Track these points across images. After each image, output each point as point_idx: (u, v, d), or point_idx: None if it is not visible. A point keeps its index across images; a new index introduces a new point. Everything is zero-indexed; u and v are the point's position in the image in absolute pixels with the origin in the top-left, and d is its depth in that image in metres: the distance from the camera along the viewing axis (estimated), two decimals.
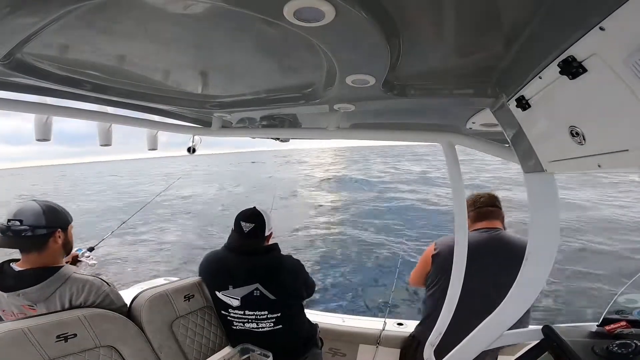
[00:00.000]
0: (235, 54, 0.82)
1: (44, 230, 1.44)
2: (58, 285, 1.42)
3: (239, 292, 1.76)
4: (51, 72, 0.94)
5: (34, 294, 1.39)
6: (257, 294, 1.74)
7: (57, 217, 1.52)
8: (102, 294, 1.51)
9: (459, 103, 1.07)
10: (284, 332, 1.79)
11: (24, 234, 1.41)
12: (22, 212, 1.43)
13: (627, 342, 1.06)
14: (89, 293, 1.47)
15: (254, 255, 1.79)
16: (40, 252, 1.44)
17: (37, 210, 1.45)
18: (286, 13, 0.52)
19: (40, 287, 1.39)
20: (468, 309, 1.50)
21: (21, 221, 1.41)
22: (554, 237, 1.02)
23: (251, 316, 1.78)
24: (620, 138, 0.56)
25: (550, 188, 0.97)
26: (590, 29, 0.48)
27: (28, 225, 1.41)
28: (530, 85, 0.71)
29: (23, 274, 1.41)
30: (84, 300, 1.46)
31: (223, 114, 1.46)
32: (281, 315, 1.78)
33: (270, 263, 1.80)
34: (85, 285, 1.47)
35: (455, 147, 1.45)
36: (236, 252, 1.81)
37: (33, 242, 1.43)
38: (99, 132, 1.78)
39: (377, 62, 0.73)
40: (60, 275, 1.44)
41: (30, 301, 1.40)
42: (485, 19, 0.58)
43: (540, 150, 0.85)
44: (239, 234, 1.81)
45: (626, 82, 0.46)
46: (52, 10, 0.57)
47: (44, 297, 1.41)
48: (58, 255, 1.51)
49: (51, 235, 1.47)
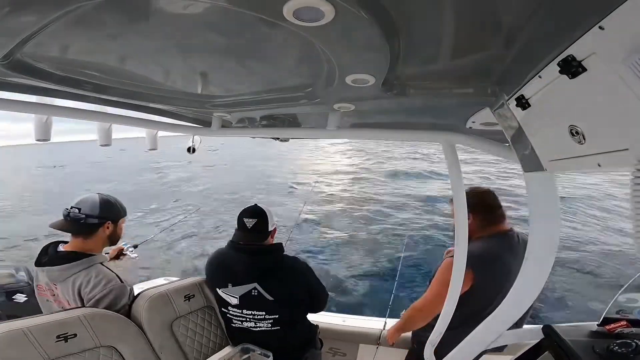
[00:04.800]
0: (235, 53, 0.82)
1: (95, 220, 1.63)
2: (77, 270, 1.54)
3: (237, 291, 1.76)
4: (51, 72, 0.94)
5: (54, 272, 1.54)
6: (255, 293, 1.73)
7: (111, 210, 1.69)
8: (108, 290, 1.54)
9: (458, 102, 1.07)
10: (281, 333, 1.78)
11: (80, 221, 1.60)
12: (82, 201, 1.64)
13: (627, 342, 1.06)
14: (95, 285, 1.52)
15: (255, 254, 1.78)
16: (85, 239, 1.62)
17: (95, 201, 1.65)
18: (286, 13, 0.52)
19: (61, 268, 1.53)
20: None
21: (79, 209, 1.61)
22: (554, 236, 1.02)
23: (249, 315, 1.78)
24: (620, 137, 0.56)
25: (550, 187, 0.97)
26: (590, 28, 0.48)
27: (84, 214, 1.61)
28: (530, 85, 0.71)
29: (59, 254, 1.58)
30: (90, 291, 1.52)
31: (223, 113, 1.47)
32: (279, 317, 1.76)
33: (271, 263, 1.78)
34: (98, 276, 1.54)
35: (455, 146, 1.45)
36: (239, 249, 1.81)
37: (84, 228, 1.62)
38: (98, 132, 1.78)
39: (377, 61, 0.73)
40: (85, 262, 1.56)
41: (51, 279, 1.56)
42: (485, 18, 0.58)
43: (540, 149, 0.85)
44: (243, 230, 1.80)
45: (626, 81, 0.46)
46: (52, 11, 0.57)
47: (62, 278, 1.54)
48: (100, 244, 1.68)
49: (101, 226, 1.65)
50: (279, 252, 1.83)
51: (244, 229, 1.80)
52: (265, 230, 1.81)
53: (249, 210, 1.85)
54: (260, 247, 1.80)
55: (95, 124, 1.77)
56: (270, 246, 1.84)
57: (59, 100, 1.28)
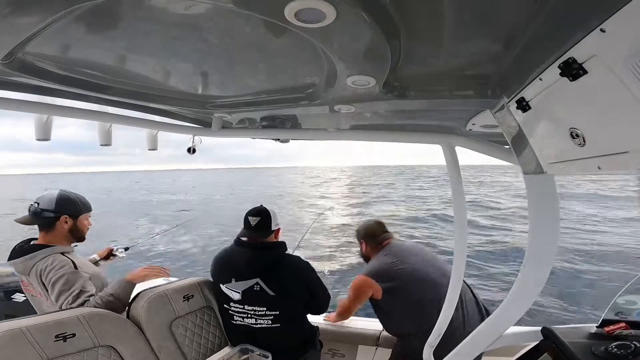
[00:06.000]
0: (236, 54, 0.82)
1: (51, 214, 1.72)
2: (37, 260, 1.63)
3: (240, 286, 1.81)
4: (52, 71, 0.94)
5: (19, 265, 1.64)
6: (257, 288, 1.78)
7: (67, 205, 1.77)
8: (60, 274, 1.58)
9: (459, 104, 1.07)
10: (281, 331, 1.79)
11: (38, 214, 1.71)
12: (42, 197, 1.75)
13: (626, 343, 1.06)
14: (50, 270, 1.59)
15: (258, 249, 1.85)
16: (47, 232, 1.72)
17: (52, 196, 1.74)
18: (287, 14, 0.52)
19: (23, 259, 1.63)
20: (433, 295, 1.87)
21: (38, 204, 1.73)
22: (553, 238, 1.02)
23: (250, 311, 1.80)
24: (620, 140, 0.56)
25: (550, 189, 0.98)
26: (591, 30, 0.48)
27: (41, 209, 1.72)
28: (530, 87, 0.71)
29: (23, 248, 1.68)
30: (46, 276, 1.59)
31: (223, 114, 1.46)
32: (279, 314, 1.78)
33: (272, 259, 1.84)
34: (54, 262, 1.60)
35: (455, 148, 1.45)
36: (242, 244, 1.89)
37: (42, 222, 1.72)
38: (99, 132, 1.78)
39: (378, 63, 0.74)
40: (44, 252, 1.65)
41: (20, 272, 1.67)
42: (485, 20, 0.58)
43: (540, 151, 0.85)
44: (247, 227, 1.90)
45: (626, 84, 0.46)
46: (52, 10, 0.57)
47: (26, 271, 1.63)
48: (62, 238, 1.75)
49: (57, 219, 1.73)
50: (281, 249, 1.90)
51: (249, 226, 1.90)
52: (268, 228, 1.90)
53: (254, 210, 1.95)
54: (262, 242, 1.89)
55: (95, 123, 1.77)
56: (273, 243, 1.93)
57: (60, 99, 1.28)
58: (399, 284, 1.92)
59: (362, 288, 2.01)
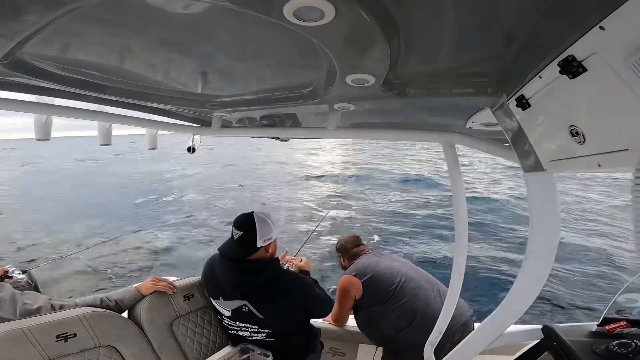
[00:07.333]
0: (235, 53, 0.82)
1: None
2: None
3: (229, 305, 1.73)
4: (51, 71, 0.93)
5: None
6: (246, 310, 1.69)
7: None
8: None
9: (459, 102, 1.07)
10: (277, 343, 1.75)
11: None
12: None
13: (626, 342, 1.07)
14: None
15: (245, 272, 1.66)
16: None
17: None
18: (286, 12, 0.52)
19: None
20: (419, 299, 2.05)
21: None
22: (553, 236, 1.02)
23: (243, 327, 1.76)
24: (620, 137, 0.56)
25: (550, 187, 0.97)
26: (591, 28, 0.48)
27: None
28: (530, 85, 0.71)
29: None
30: None
31: (223, 113, 1.46)
32: (273, 332, 1.73)
33: (261, 281, 1.65)
34: None
35: (455, 146, 1.45)
36: (226, 256, 1.73)
37: None
38: (98, 132, 1.78)
39: (377, 61, 0.73)
40: None
41: None
42: (485, 18, 0.58)
43: (540, 149, 0.85)
44: (230, 239, 1.72)
45: (626, 82, 0.46)
46: (51, 10, 0.57)
47: None
48: None
49: None
50: (271, 269, 1.69)
51: (231, 239, 1.71)
52: (252, 245, 1.65)
53: (240, 220, 1.72)
54: (245, 262, 1.67)
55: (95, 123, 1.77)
56: (261, 263, 1.68)
57: (59, 99, 1.28)
58: (373, 273, 2.11)
59: (346, 286, 2.15)
